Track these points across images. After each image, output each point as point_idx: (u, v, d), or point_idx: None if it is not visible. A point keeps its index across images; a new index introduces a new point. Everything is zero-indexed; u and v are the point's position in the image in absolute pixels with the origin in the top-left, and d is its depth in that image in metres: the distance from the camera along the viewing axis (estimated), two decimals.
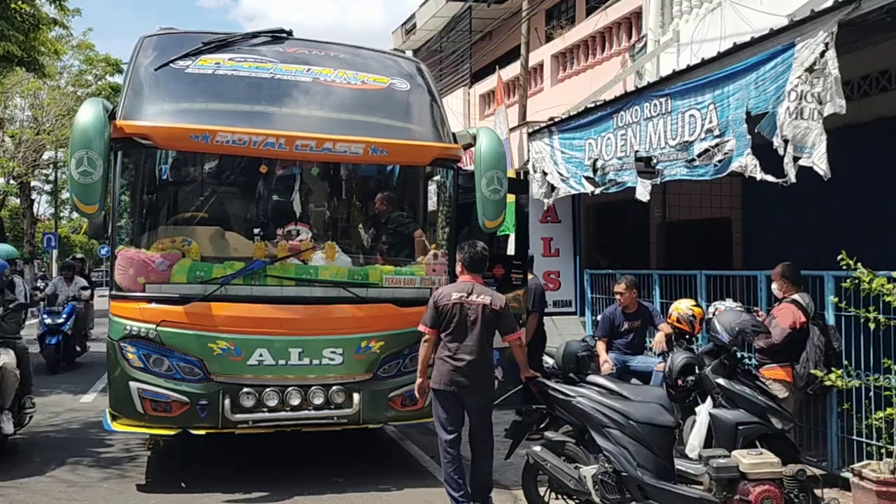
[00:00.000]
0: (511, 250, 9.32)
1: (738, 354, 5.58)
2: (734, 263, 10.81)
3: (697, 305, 7.16)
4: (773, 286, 6.39)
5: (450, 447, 5.42)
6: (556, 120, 9.36)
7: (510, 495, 6.06)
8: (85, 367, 12.65)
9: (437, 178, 6.91)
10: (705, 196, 11.24)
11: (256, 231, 6.31)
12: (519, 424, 5.67)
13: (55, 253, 31.00)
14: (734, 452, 4.61)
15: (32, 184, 25.87)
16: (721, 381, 5.30)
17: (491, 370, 5.58)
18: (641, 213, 12.03)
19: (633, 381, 7.30)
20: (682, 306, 7.07)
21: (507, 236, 9.94)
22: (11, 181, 25.54)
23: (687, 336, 7.04)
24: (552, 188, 9.48)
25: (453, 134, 6.80)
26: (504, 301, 5.52)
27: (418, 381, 5.57)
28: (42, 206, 29.62)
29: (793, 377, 5.98)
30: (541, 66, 14.38)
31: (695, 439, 5.75)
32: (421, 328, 5.49)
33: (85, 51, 24.17)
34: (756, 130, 6.01)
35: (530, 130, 10.02)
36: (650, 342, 8.31)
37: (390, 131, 6.39)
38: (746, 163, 6.18)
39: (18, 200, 30.97)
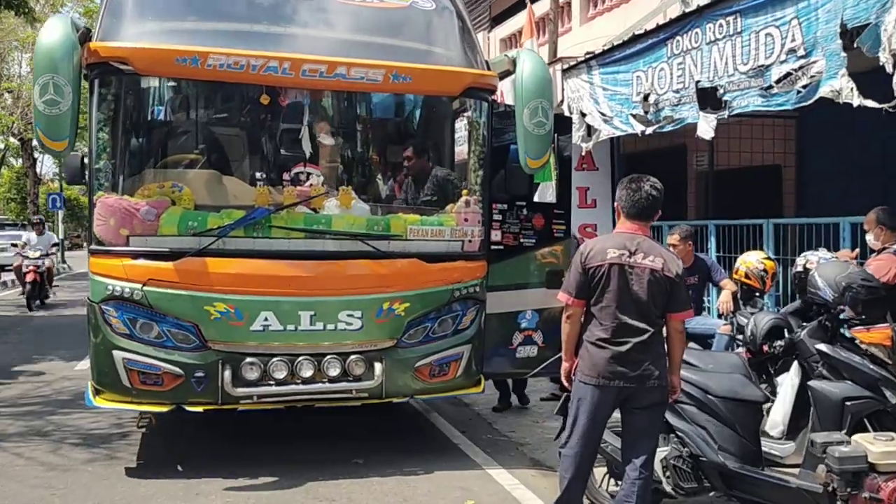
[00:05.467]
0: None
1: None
2: (785, 214, 9.88)
3: (769, 258, 6.26)
4: (868, 237, 5.43)
5: (577, 465, 4.01)
6: (595, 53, 8.30)
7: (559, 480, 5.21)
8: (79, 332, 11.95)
9: (468, 113, 5.93)
10: (754, 141, 10.29)
11: (259, 175, 5.41)
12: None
13: (61, 214, 30.21)
14: (856, 438, 3.70)
15: (34, 142, 24.89)
16: (823, 347, 4.37)
17: (664, 357, 3.97)
18: (677, 161, 11.13)
19: (692, 345, 6.41)
20: (752, 259, 6.19)
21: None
22: (11, 138, 24.63)
23: (757, 294, 6.17)
24: (590, 131, 8.48)
25: (486, 62, 5.84)
26: (680, 266, 3.94)
27: (565, 364, 4.08)
28: (46, 166, 28.62)
29: (892, 341, 5.05)
30: (568, 3, 13.26)
31: (778, 415, 4.89)
32: (562, 297, 3.98)
33: (85, 2, 23.03)
34: (855, 45, 5.00)
35: (565, 67, 8.96)
36: (707, 301, 7.41)
37: (414, 55, 5.43)
38: (841, 86, 5.15)
39: (21, 161, 30.15)
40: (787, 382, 5.02)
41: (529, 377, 6.42)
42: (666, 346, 4.02)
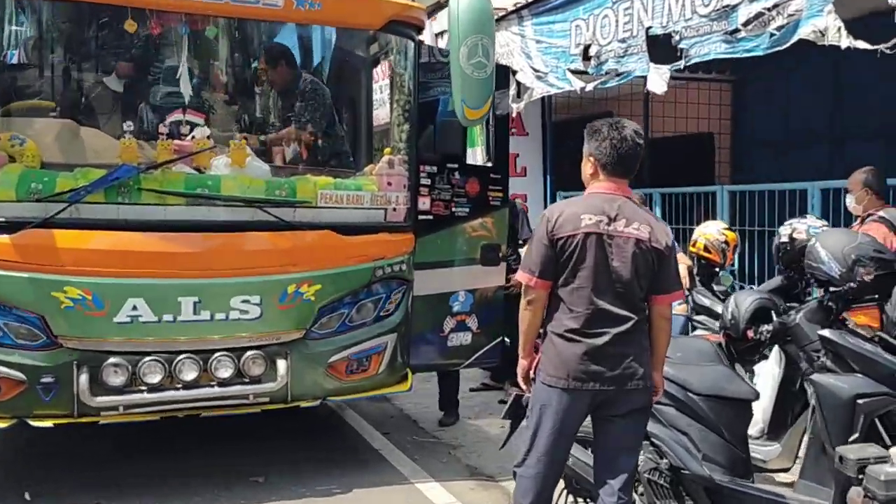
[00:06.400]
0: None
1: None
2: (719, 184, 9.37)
3: (730, 229, 5.60)
4: (849, 199, 4.81)
5: (539, 489, 3.17)
6: (527, 2, 7.44)
7: (502, 491, 4.40)
8: None
9: (391, 56, 4.96)
10: (689, 106, 9.63)
11: (125, 125, 4.33)
12: (521, 400, 3.88)
13: None
14: (894, 451, 2.97)
15: None
16: (827, 333, 3.63)
17: (648, 350, 3.15)
18: None
19: None
20: (712, 231, 5.54)
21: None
22: None
23: (716, 269, 5.51)
24: (521, 91, 7.64)
25: None
26: (670, 236, 3.17)
27: (522, 362, 3.23)
28: None
29: (881, 322, 4.42)
30: None
31: (758, 411, 4.22)
32: (521, 277, 3.15)
33: None
34: None
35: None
36: None
37: None
38: (826, 25, 4.47)
39: None
40: (768, 373, 4.39)
41: (462, 368, 5.54)
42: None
